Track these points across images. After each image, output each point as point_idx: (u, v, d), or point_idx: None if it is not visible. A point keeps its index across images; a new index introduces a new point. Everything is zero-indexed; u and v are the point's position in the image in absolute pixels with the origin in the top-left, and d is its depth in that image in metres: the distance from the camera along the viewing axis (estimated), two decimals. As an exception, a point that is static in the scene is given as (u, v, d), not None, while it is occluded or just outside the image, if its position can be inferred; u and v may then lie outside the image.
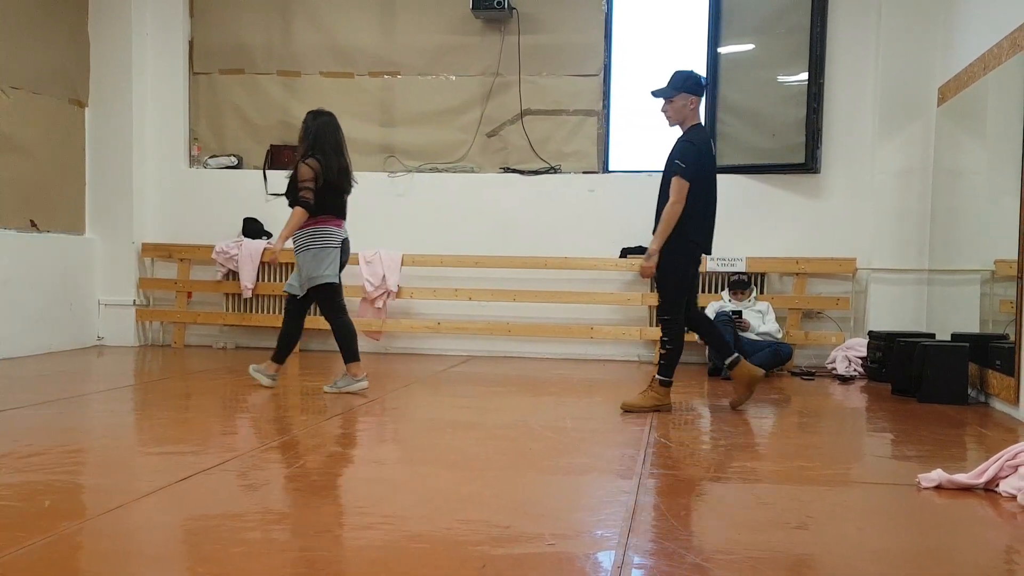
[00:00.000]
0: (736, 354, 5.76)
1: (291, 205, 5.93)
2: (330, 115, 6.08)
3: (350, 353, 6.07)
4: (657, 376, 5.63)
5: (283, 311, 6.37)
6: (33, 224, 8.18)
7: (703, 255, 5.65)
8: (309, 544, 2.87)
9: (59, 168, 8.56)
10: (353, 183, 6.12)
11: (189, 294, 9.17)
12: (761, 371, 5.80)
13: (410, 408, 5.79)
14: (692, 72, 5.54)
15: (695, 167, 5.40)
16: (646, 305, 8.46)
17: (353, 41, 9.07)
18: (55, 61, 8.43)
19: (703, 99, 5.67)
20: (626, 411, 5.56)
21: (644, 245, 7.92)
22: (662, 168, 5.58)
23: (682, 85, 5.49)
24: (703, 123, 5.70)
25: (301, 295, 6.07)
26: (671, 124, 5.64)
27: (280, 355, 6.21)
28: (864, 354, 7.60)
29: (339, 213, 6.06)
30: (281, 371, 6.35)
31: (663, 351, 5.62)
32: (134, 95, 8.95)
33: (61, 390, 6.13)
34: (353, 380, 6.10)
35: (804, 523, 3.23)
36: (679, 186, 5.37)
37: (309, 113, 6.08)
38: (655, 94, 5.58)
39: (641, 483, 3.74)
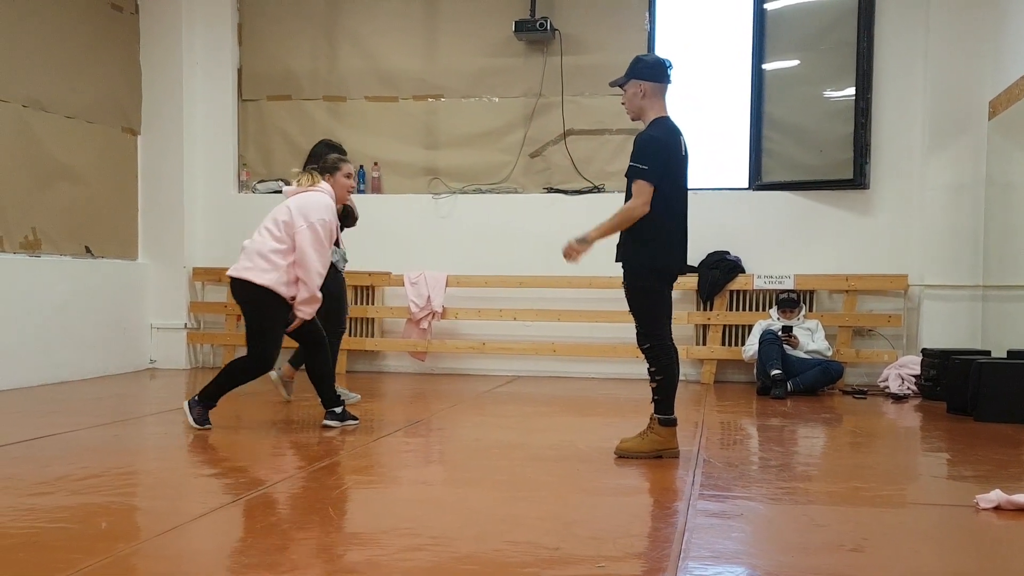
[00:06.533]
0: None
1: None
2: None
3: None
4: (655, 415, 4.64)
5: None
6: (88, 250, 8.35)
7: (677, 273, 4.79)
8: (357, 565, 2.88)
9: (112, 195, 8.74)
10: None
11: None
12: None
13: (456, 428, 5.80)
14: (646, 55, 4.80)
15: (661, 167, 4.54)
16: (692, 324, 8.39)
17: (397, 65, 9.17)
18: (108, 90, 8.63)
19: (666, 87, 4.68)
20: (621, 456, 4.66)
21: (692, 264, 7.86)
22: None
23: (631, 71, 4.66)
24: (669, 115, 4.73)
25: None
26: (631, 118, 4.84)
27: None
28: (917, 372, 7.45)
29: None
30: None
31: (654, 384, 4.62)
32: (185, 122, 9.11)
33: (116, 413, 6.24)
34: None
35: (860, 545, 3.17)
36: (641, 190, 4.51)
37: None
38: (612, 84, 4.82)
39: (691, 504, 3.70)
